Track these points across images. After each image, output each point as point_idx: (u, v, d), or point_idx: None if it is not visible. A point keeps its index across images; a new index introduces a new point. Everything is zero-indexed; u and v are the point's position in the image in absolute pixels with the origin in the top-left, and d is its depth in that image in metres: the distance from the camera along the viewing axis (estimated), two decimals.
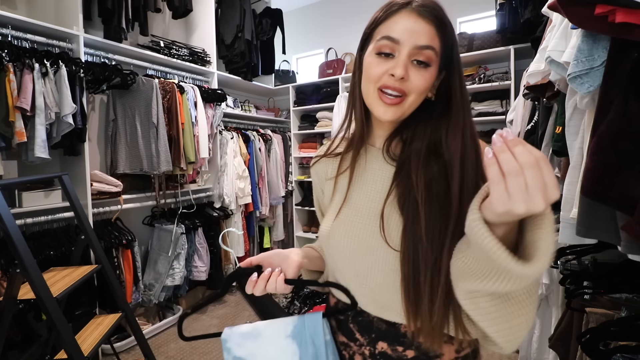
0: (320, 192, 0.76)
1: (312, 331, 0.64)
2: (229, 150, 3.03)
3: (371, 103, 0.59)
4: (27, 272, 1.27)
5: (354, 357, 0.64)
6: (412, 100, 0.57)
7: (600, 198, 0.75)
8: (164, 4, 2.74)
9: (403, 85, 0.55)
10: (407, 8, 0.55)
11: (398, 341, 0.59)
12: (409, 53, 0.54)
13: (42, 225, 2.03)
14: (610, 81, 0.75)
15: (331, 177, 0.71)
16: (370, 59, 0.58)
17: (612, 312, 1.14)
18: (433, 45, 0.55)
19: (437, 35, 0.55)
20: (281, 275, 0.61)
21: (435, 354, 0.58)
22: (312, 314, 0.66)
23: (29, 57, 1.84)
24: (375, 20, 0.59)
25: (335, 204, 0.68)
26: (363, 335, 0.63)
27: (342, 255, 0.63)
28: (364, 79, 0.60)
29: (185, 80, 2.85)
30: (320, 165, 0.74)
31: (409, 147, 0.60)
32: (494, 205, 0.38)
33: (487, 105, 2.91)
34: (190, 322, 2.67)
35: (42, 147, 1.85)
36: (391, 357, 0.60)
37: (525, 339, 1.78)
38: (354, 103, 0.65)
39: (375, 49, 0.57)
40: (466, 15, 3.38)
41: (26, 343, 1.74)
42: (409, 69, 0.55)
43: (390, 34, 0.55)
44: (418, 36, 0.54)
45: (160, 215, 2.72)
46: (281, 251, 0.66)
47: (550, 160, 1.46)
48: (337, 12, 4.06)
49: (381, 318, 0.60)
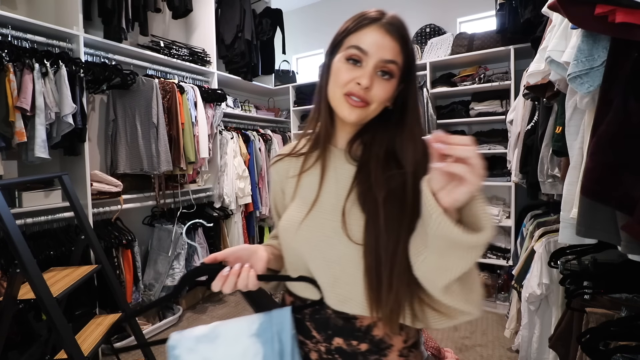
0: (279, 191, 0.76)
1: (279, 327, 0.63)
2: (229, 150, 3.04)
3: (337, 105, 0.64)
4: (27, 272, 1.27)
5: (310, 354, 0.67)
6: (374, 108, 0.62)
7: (600, 198, 0.75)
8: (164, 4, 2.75)
9: (367, 94, 0.60)
10: (377, 23, 0.61)
11: (353, 336, 0.63)
12: (375, 65, 0.60)
13: (42, 225, 2.03)
14: (610, 81, 0.75)
15: (293, 175, 0.73)
16: (339, 64, 0.62)
17: (612, 312, 1.14)
18: (397, 60, 0.61)
19: (401, 52, 0.61)
20: (252, 271, 0.60)
21: (385, 345, 0.62)
22: (280, 310, 0.65)
23: (29, 57, 1.84)
24: (346, 29, 0.63)
25: (299, 200, 0.69)
26: (320, 332, 0.65)
27: (304, 250, 0.65)
28: (332, 82, 0.64)
29: (185, 80, 2.86)
30: (282, 164, 0.76)
31: (369, 150, 0.66)
32: (462, 195, 0.45)
33: (487, 105, 2.91)
34: (190, 323, 2.67)
35: (42, 147, 1.85)
36: (346, 352, 0.63)
37: (525, 339, 1.78)
38: (320, 104, 0.68)
39: (345, 55, 0.62)
40: (466, 15, 3.38)
41: (26, 343, 1.74)
42: (374, 79, 0.60)
43: (359, 45, 0.60)
44: (384, 51, 0.60)
45: (160, 215, 2.72)
46: (248, 246, 0.66)
47: (550, 160, 1.47)
48: (337, 12, 4.06)
49: (339, 314, 0.63)
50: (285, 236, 0.69)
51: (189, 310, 2.86)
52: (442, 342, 2.34)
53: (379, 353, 0.63)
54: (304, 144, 0.74)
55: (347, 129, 0.69)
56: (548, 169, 1.48)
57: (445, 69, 3.25)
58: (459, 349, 2.26)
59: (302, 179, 0.71)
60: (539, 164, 1.52)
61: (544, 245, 1.67)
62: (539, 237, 1.79)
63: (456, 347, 2.28)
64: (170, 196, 2.69)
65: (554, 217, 2.02)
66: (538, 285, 1.64)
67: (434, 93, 3.07)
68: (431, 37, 3.31)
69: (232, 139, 3.10)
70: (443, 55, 3.06)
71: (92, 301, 2.09)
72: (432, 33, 3.41)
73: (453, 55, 3.00)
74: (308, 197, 0.68)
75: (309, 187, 0.69)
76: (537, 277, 1.65)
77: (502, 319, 2.57)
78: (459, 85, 3.02)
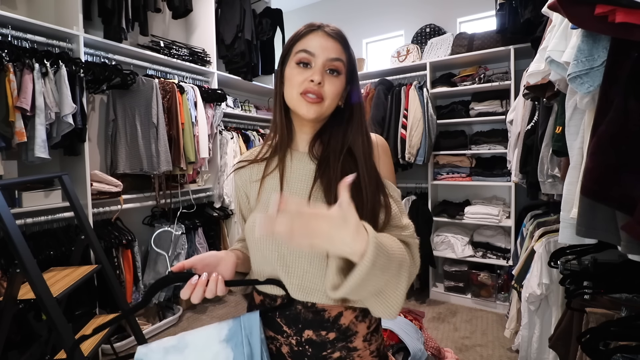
0: (243, 195, 0.79)
1: (248, 331, 0.65)
2: (229, 150, 3.03)
3: (295, 105, 0.69)
4: (27, 272, 1.27)
5: (281, 348, 0.70)
6: (328, 104, 0.69)
7: (600, 198, 0.75)
8: (164, 4, 2.74)
9: (320, 89, 0.67)
10: (319, 30, 0.69)
11: (322, 326, 0.67)
12: (323, 64, 0.67)
13: (42, 225, 2.03)
14: (610, 81, 0.75)
15: (256, 179, 0.76)
16: (291, 70, 0.69)
17: (612, 312, 1.14)
18: (341, 58, 0.69)
19: (344, 51, 0.70)
20: (220, 278, 0.62)
21: (351, 332, 0.68)
22: (249, 314, 0.68)
23: (29, 57, 1.84)
24: (292, 38, 0.71)
25: (263, 203, 0.73)
26: (290, 327, 0.69)
27: (271, 249, 0.68)
28: (288, 86, 0.70)
29: (185, 80, 2.85)
30: (244, 170, 0.79)
31: (327, 147, 0.72)
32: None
33: (487, 105, 2.91)
34: (190, 323, 2.67)
35: (42, 147, 1.85)
36: (316, 342, 0.68)
37: (525, 339, 1.78)
38: (278, 111, 0.75)
39: (295, 60, 0.69)
40: (466, 15, 3.38)
41: (26, 343, 1.74)
42: (324, 76, 0.68)
43: (307, 48, 0.68)
44: (329, 51, 0.68)
45: (160, 215, 2.72)
46: (216, 253, 0.68)
47: (550, 160, 1.46)
48: (337, 12, 4.06)
49: (308, 308, 0.68)
50: (252, 237, 0.71)
51: (189, 310, 2.86)
52: (442, 342, 2.34)
53: (346, 340, 0.68)
54: (266, 150, 0.79)
55: (305, 130, 0.75)
56: (548, 169, 1.48)
57: (445, 69, 3.25)
58: (459, 349, 2.26)
59: (265, 183, 0.75)
60: (539, 164, 1.52)
61: (544, 245, 1.67)
62: (539, 237, 1.79)
63: (456, 347, 2.28)
64: (170, 196, 2.69)
65: (554, 217, 2.02)
66: (538, 285, 1.64)
67: (434, 93, 3.07)
68: (431, 37, 3.31)
69: (232, 139, 3.10)
70: (443, 55, 3.06)
71: (92, 301, 2.09)
72: (432, 33, 3.41)
73: (453, 55, 3.00)
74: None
75: (271, 189, 0.73)
76: (537, 277, 1.65)
77: (502, 319, 2.57)
78: (459, 85, 3.02)
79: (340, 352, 0.68)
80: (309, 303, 0.67)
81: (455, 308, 2.91)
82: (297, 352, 0.69)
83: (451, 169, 3.10)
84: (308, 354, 0.68)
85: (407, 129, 2.85)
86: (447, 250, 3.02)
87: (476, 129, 3.17)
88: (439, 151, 3.09)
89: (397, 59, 3.28)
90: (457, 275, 3.01)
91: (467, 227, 3.14)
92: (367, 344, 0.70)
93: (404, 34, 3.70)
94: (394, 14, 3.74)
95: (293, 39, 0.71)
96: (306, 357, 0.69)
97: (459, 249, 2.94)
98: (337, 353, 0.68)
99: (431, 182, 3.15)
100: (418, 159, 2.85)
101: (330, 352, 0.68)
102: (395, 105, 2.95)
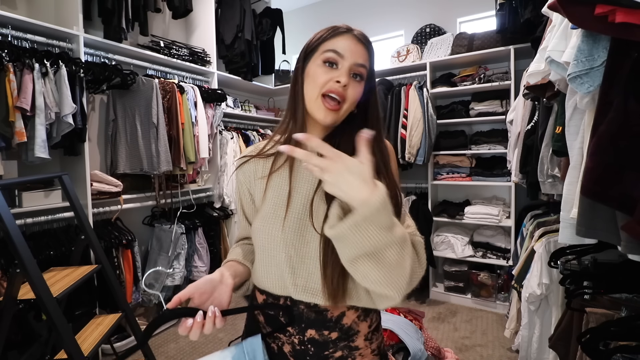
0: (246, 192, 0.77)
1: (251, 356, 0.66)
2: (229, 150, 3.03)
3: (313, 107, 0.69)
4: (27, 272, 1.27)
5: (283, 347, 0.70)
6: (346, 109, 0.68)
7: (600, 198, 0.75)
8: (164, 4, 2.74)
9: (345, 91, 0.66)
10: (349, 33, 0.68)
11: (325, 326, 0.67)
12: (350, 67, 0.67)
13: (42, 225, 2.03)
14: (610, 81, 0.75)
15: (262, 176, 0.74)
16: (316, 68, 0.68)
17: (612, 312, 1.14)
18: (366, 64, 0.69)
19: (368, 58, 0.69)
20: (216, 311, 0.59)
21: (353, 331, 0.69)
22: (251, 339, 0.68)
23: (29, 57, 1.84)
24: (321, 37, 0.70)
25: (272, 202, 0.71)
26: (293, 326, 0.69)
27: (279, 250, 0.67)
28: (310, 85, 0.69)
29: (185, 80, 2.85)
30: (249, 165, 0.77)
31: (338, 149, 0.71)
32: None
33: (487, 105, 2.91)
34: None
35: (42, 147, 1.85)
36: (318, 341, 0.68)
37: (525, 339, 1.78)
38: (296, 108, 0.72)
39: (322, 59, 0.68)
40: (466, 15, 3.38)
41: (26, 343, 1.74)
42: (349, 80, 0.67)
43: (336, 49, 0.67)
44: (357, 55, 0.67)
45: (160, 215, 2.72)
46: (211, 278, 0.65)
47: (550, 160, 1.46)
48: (337, 12, 4.06)
49: (311, 308, 0.67)
50: (261, 238, 0.70)
51: None
52: (442, 342, 2.34)
53: (348, 339, 0.69)
54: (271, 145, 0.77)
55: (319, 131, 0.73)
56: (548, 169, 1.48)
57: (445, 69, 3.25)
58: (459, 349, 2.26)
59: (272, 180, 0.73)
60: (539, 164, 1.52)
61: (544, 245, 1.67)
62: (539, 237, 1.79)
63: (456, 347, 2.28)
64: (170, 196, 2.69)
65: (554, 217, 2.02)
66: (538, 285, 1.64)
67: (434, 93, 3.07)
68: (431, 37, 3.31)
69: (232, 139, 3.10)
70: (443, 55, 3.06)
71: (92, 301, 2.09)
72: (432, 33, 3.41)
73: (453, 55, 3.00)
74: (280, 197, 0.70)
75: (279, 187, 0.71)
76: (537, 277, 1.65)
77: (502, 319, 2.57)
78: (459, 85, 3.02)
79: (342, 352, 0.69)
80: (312, 303, 0.67)
81: (455, 308, 2.91)
82: (299, 351, 0.69)
83: (451, 169, 3.10)
84: (310, 353, 0.69)
85: (407, 129, 2.85)
86: (447, 250, 3.02)
87: (476, 129, 3.17)
88: (439, 151, 3.09)
89: (397, 59, 3.28)
90: (457, 275, 3.01)
91: (467, 227, 3.14)
92: (368, 342, 0.71)
93: (404, 34, 3.70)
94: (394, 14, 3.74)
95: (321, 38, 0.70)
96: (308, 356, 0.69)
97: (459, 249, 2.95)
98: (339, 352, 0.68)
99: (431, 182, 3.15)
100: (418, 159, 2.85)
101: (332, 351, 0.68)
102: (395, 105, 2.95)
